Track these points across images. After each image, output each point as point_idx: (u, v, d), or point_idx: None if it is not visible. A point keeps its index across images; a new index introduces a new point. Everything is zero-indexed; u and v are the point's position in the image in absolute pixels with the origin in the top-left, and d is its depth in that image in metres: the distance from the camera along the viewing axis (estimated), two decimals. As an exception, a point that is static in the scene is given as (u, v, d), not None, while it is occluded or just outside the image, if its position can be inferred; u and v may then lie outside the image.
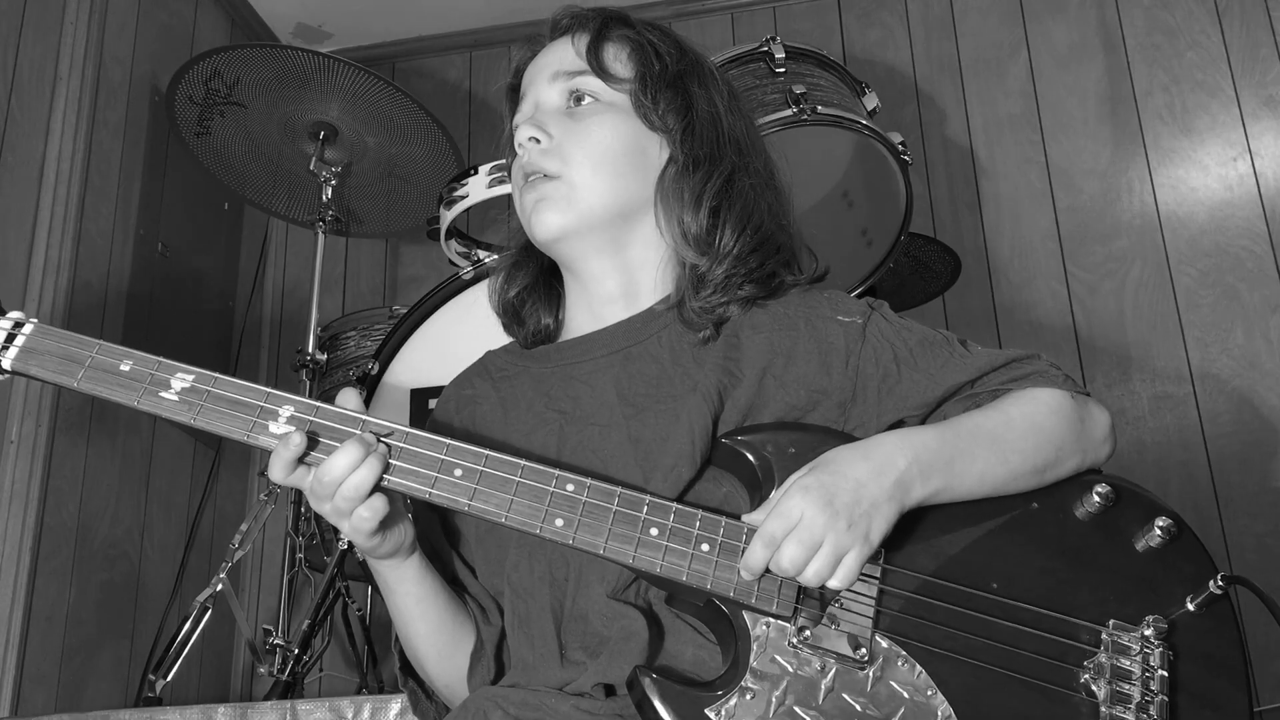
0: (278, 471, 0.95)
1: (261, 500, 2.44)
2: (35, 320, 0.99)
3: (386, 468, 0.95)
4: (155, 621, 2.64)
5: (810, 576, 0.94)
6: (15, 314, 1.00)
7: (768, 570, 0.96)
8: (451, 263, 2.32)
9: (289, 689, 2.25)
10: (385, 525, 0.98)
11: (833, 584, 0.95)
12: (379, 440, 0.96)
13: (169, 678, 2.18)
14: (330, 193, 2.71)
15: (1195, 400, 2.76)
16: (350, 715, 1.51)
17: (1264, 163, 2.89)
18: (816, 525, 0.94)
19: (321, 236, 2.69)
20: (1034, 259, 2.96)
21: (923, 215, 2.97)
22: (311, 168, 2.70)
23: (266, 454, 0.97)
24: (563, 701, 0.98)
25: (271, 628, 2.32)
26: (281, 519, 2.55)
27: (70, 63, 2.64)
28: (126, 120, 2.80)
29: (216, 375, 0.97)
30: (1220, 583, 1.00)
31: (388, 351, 2.04)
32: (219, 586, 2.26)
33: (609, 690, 0.99)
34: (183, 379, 0.96)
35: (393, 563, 1.04)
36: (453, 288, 2.00)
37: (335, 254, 3.38)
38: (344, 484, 0.94)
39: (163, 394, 0.96)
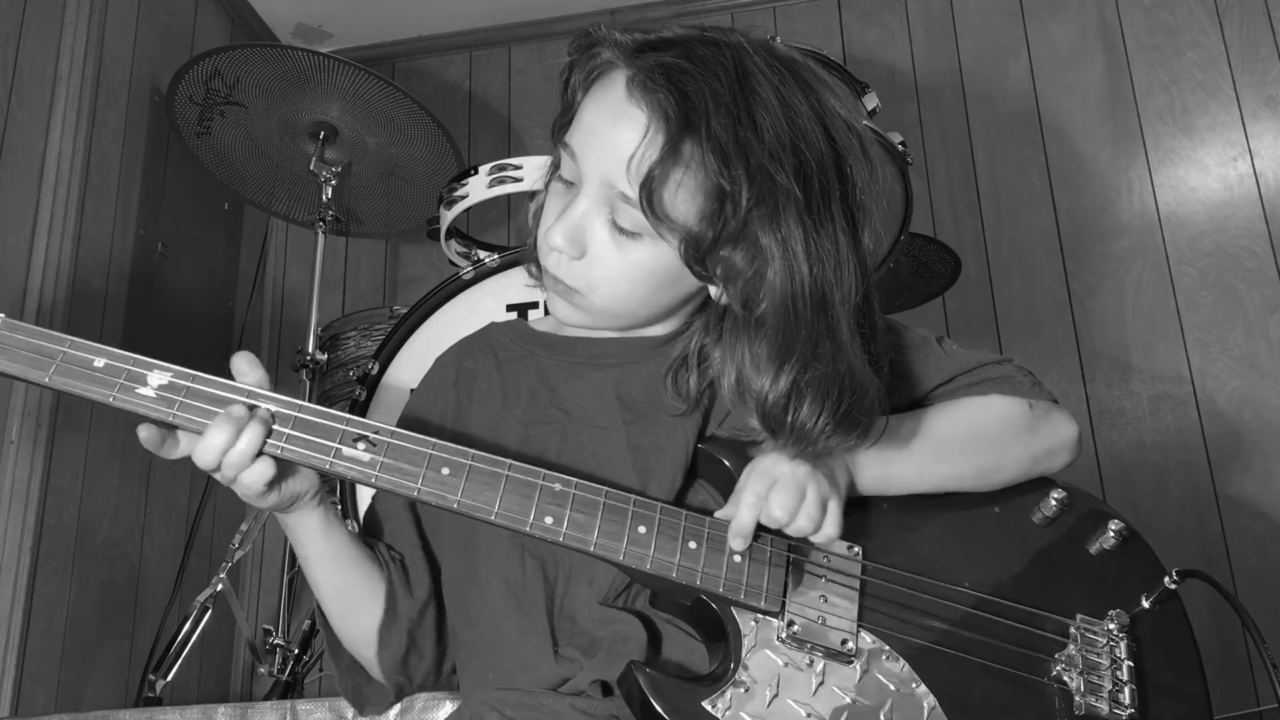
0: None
1: (261, 500, 2.43)
2: (2, 314, 0.95)
3: (269, 432, 0.94)
4: (155, 621, 2.64)
5: (804, 523, 0.97)
6: None
7: (757, 537, 0.98)
8: (451, 263, 2.32)
9: (289, 689, 2.26)
10: (277, 481, 0.98)
11: (826, 530, 0.98)
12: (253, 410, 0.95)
13: (169, 678, 2.18)
14: (330, 193, 2.71)
15: (1195, 400, 2.76)
16: (350, 715, 1.51)
17: (1264, 163, 2.89)
18: (799, 474, 0.98)
19: (321, 236, 2.69)
20: (1034, 259, 2.96)
21: (923, 215, 2.97)
22: (311, 168, 2.70)
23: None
24: (559, 701, 0.98)
25: (271, 628, 2.33)
26: (281, 519, 2.54)
27: (70, 63, 2.64)
28: (126, 120, 2.81)
29: (195, 373, 0.95)
30: (1175, 578, 1.04)
31: (388, 351, 2.04)
32: (219, 586, 2.26)
33: (606, 689, 0.99)
34: (160, 376, 0.94)
35: (296, 515, 1.05)
36: (453, 288, 2.00)
37: (335, 254, 3.39)
38: (226, 455, 0.94)
39: (140, 390, 0.93)
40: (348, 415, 0.96)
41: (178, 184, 2.99)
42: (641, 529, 0.97)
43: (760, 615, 0.97)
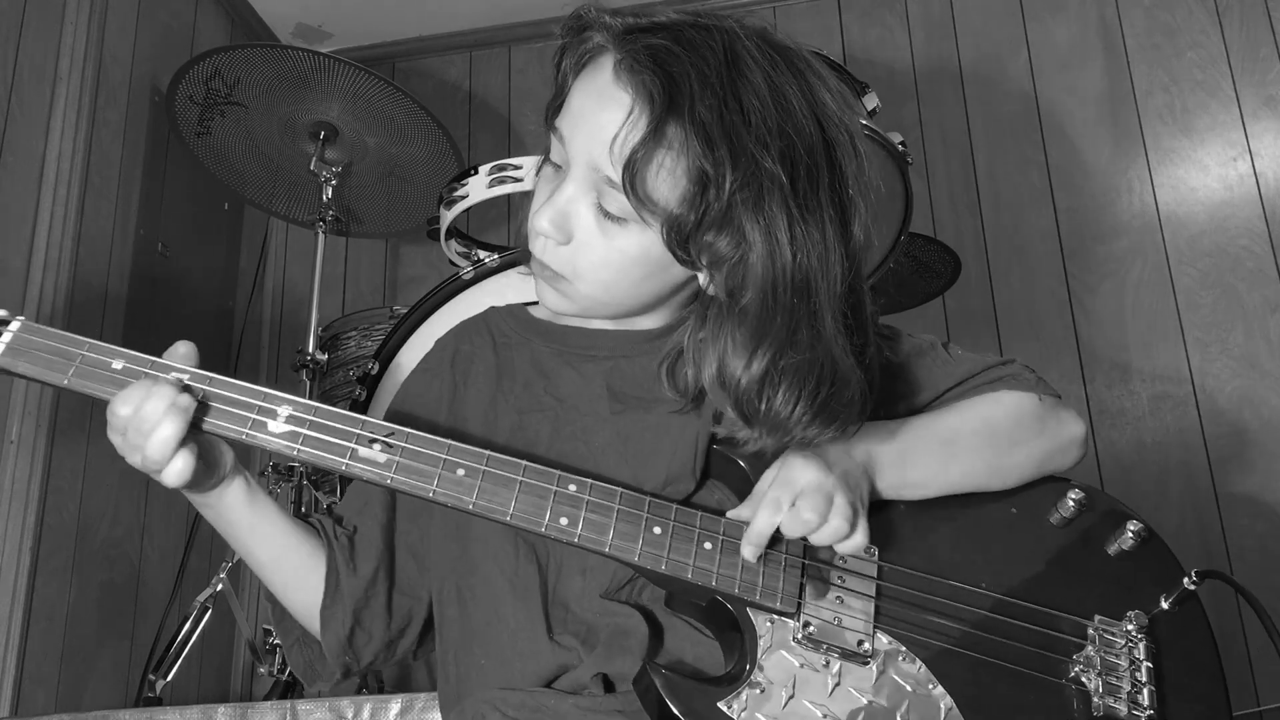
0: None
1: (261, 500, 2.43)
2: (22, 318, 0.95)
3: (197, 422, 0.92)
4: (155, 621, 2.64)
5: (832, 531, 0.96)
6: (0, 311, 0.95)
7: (772, 543, 0.97)
8: (451, 263, 2.32)
9: (289, 689, 2.26)
10: (204, 462, 0.96)
11: (856, 539, 0.98)
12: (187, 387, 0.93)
13: (169, 678, 2.18)
14: (330, 193, 2.71)
15: (1195, 400, 2.76)
16: (350, 715, 1.51)
17: (1264, 163, 2.89)
18: (827, 484, 0.97)
19: (321, 236, 2.69)
20: (1034, 259, 2.96)
21: (923, 215, 2.97)
22: (311, 168, 2.70)
23: (267, 452, 0.96)
24: (562, 701, 0.98)
25: (271, 628, 2.32)
26: (281, 519, 2.54)
27: (70, 63, 2.64)
28: (126, 120, 2.80)
29: (212, 375, 0.95)
30: (1195, 578, 1.04)
31: (388, 352, 2.04)
32: (219, 586, 2.26)
33: (607, 684, 0.99)
34: (177, 378, 0.94)
35: (218, 491, 1.02)
36: (453, 288, 2.00)
37: (335, 254, 3.38)
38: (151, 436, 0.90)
39: None
40: (363, 417, 0.96)
41: (178, 184, 2.98)
42: (656, 530, 0.97)
43: (776, 616, 0.97)
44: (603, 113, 0.97)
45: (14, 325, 0.94)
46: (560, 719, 0.97)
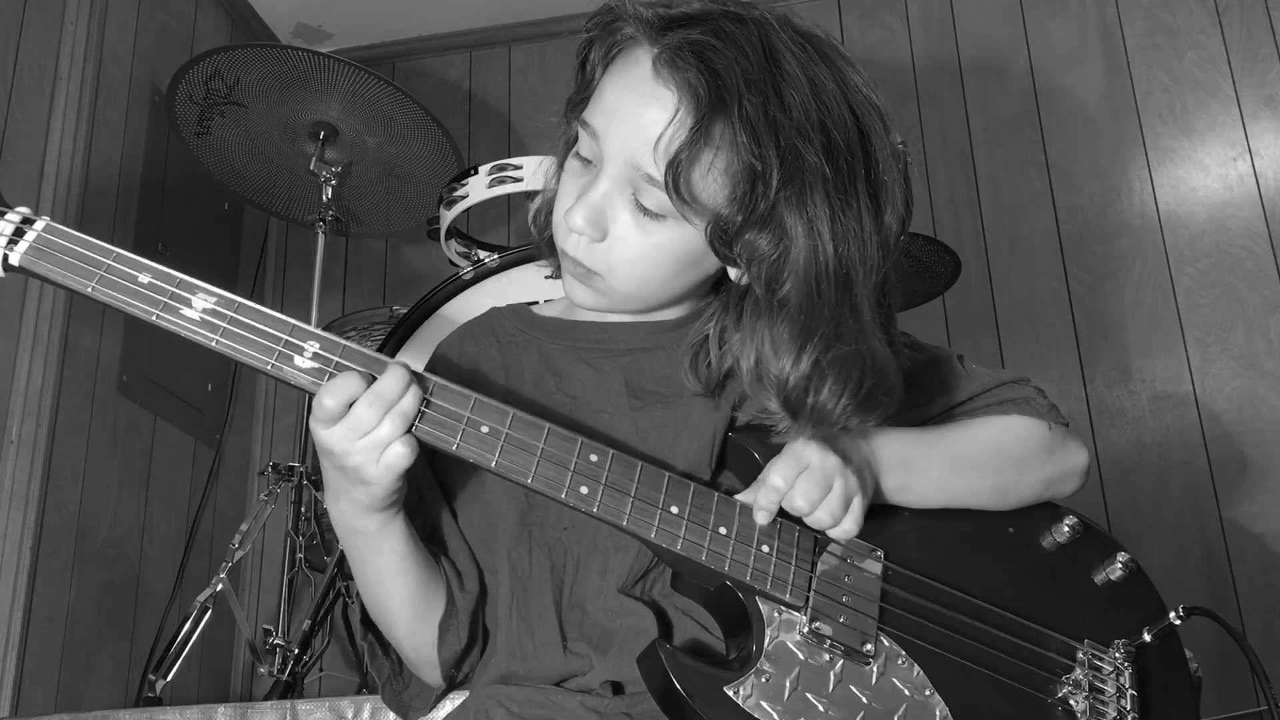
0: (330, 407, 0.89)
1: (261, 500, 2.44)
2: (47, 218, 0.91)
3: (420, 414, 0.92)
4: (155, 621, 2.64)
5: (824, 515, 0.97)
6: (23, 209, 0.91)
7: (781, 532, 0.98)
8: (451, 263, 2.32)
9: (289, 689, 2.26)
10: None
11: (845, 526, 0.98)
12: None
13: (169, 678, 2.18)
14: (330, 193, 2.71)
15: (1195, 400, 2.76)
16: (350, 715, 1.51)
17: (1264, 163, 2.89)
18: (828, 466, 0.97)
19: (321, 236, 2.69)
20: (1034, 259, 2.96)
21: (923, 215, 2.97)
22: (311, 168, 2.70)
23: (267, 451, 0.95)
24: (569, 699, 0.97)
25: (271, 628, 2.32)
26: (281, 519, 2.55)
27: (70, 63, 2.64)
28: (126, 120, 2.81)
29: (240, 300, 0.92)
30: (1182, 613, 1.06)
31: (387, 352, 2.04)
32: (219, 586, 2.26)
33: (616, 689, 0.98)
34: (205, 299, 0.91)
35: (385, 515, 0.99)
36: (453, 288, 2.00)
37: (335, 254, 3.38)
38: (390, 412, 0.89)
39: (184, 311, 0.91)
40: (388, 359, 0.94)
41: (178, 184, 2.98)
42: (674, 509, 0.96)
43: (783, 608, 0.97)
44: (644, 110, 0.95)
45: (39, 225, 0.91)
46: (567, 715, 0.97)
